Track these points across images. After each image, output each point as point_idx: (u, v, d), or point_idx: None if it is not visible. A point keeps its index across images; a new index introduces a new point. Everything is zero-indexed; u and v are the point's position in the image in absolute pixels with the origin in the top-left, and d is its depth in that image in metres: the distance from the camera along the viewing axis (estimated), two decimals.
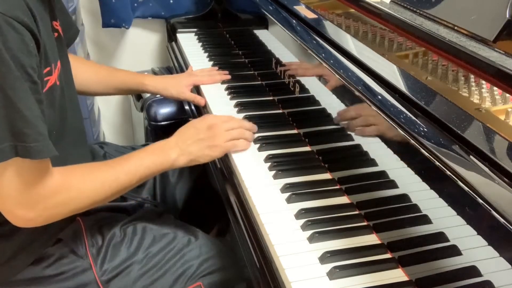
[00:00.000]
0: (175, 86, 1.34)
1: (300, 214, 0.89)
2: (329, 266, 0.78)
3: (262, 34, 1.44)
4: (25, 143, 0.77)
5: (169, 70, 1.94)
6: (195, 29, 1.79)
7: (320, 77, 1.07)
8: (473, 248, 0.67)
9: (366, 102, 0.85)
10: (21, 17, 0.77)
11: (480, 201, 0.61)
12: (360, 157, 0.93)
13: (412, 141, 0.73)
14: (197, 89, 1.38)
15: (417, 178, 0.77)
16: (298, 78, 1.17)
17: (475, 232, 0.66)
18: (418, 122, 0.75)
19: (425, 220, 0.76)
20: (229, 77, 1.40)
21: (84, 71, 1.24)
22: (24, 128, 0.77)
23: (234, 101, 1.28)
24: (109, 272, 1.00)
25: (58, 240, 0.99)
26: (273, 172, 1.00)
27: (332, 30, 1.09)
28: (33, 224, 0.88)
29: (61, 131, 0.95)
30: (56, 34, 0.96)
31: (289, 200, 0.92)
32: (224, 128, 1.05)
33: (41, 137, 0.80)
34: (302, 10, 1.21)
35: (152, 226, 1.10)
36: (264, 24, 1.38)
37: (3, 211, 0.85)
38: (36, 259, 0.98)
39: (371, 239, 0.85)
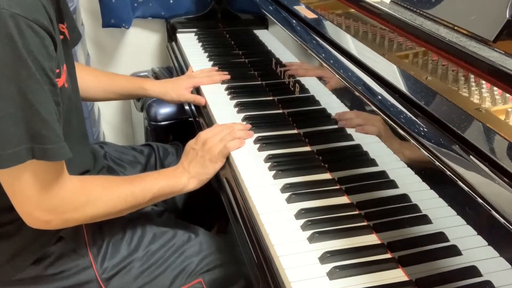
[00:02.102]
0: (175, 89, 1.35)
1: (300, 214, 0.89)
2: (329, 266, 0.78)
3: (262, 34, 1.44)
4: (43, 145, 0.79)
5: (169, 70, 1.94)
6: (195, 29, 1.80)
7: (320, 77, 1.07)
8: (473, 248, 0.67)
9: (366, 102, 0.85)
10: (41, 20, 0.78)
11: (480, 201, 0.61)
12: (360, 157, 0.93)
13: (412, 141, 0.73)
14: (197, 90, 1.38)
15: (417, 178, 0.77)
16: (298, 78, 1.17)
17: (475, 232, 0.66)
18: (418, 122, 0.75)
19: (425, 220, 0.76)
20: (228, 77, 1.40)
21: (84, 77, 1.24)
22: (42, 130, 0.78)
23: (234, 101, 1.28)
24: (109, 270, 1.01)
25: (59, 238, 0.99)
26: (273, 172, 1.00)
27: (332, 30, 1.09)
28: (49, 227, 0.89)
29: (66, 133, 0.95)
30: (62, 36, 0.96)
31: (289, 200, 0.92)
32: (217, 139, 1.08)
33: (58, 139, 0.81)
34: (302, 10, 1.21)
35: (152, 224, 1.10)
36: (264, 24, 1.38)
37: (21, 212, 0.86)
38: (38, 258, 0.98)
39: (371, 239, 0.85)
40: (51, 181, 0.84)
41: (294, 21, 1.19)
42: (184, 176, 1.04)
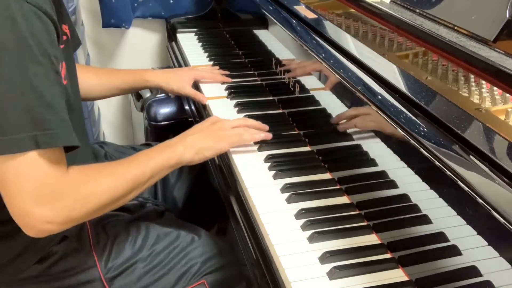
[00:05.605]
0: (177, 81, 1.33)
1: (300, 214, 0.89)
2: (329, 266, 0.78)
3: (262, 34, 1.44)
4: (47, 130, 0.75)
5: None
6: (195, 29, 1.80)
7: (320, 77, 1.07)
8: (473, 248, 0.67)
9: (366, 102, 0.85)
10: (46, 7, 0.78)
11: (480, 201, 0.61)
12: (360, 157, 0.93)
13: (412, 141, 0.73)
14: (197, 89, 1.38)
15: (417, 178, 0.77)
16: (298, 78, 1.17)
17: (475, 232, 0.66)
18: (418, 122, 0.75)
19: (425, 220, 0.76)
20: (230, 79, 1.39)
21: (84, 76, 1.24)
22: (46, 114, 0.76)
23: (234, 101, 1.28)
24: (113, 269, 1.01)
25: (63, 238, 0.99)
26: (273, 172, 1.00)
27: (332, 30, 1.09)
28: (51, 227, 0.80)
29: None
30: (64, 37, 0.96)
31: (289, 200, 0.92)
32: (228, 124, 1.05)
33: (64, 123, 0.78)
34: (302, 10, 1.21)
35: (155, 225, 1.10)
36: (264, 24, 1.38)
37: (18, 215, 0.79)
38: (42, 257, 0.98)
39: (371, 239, 0.85)
40: (51, 172, 0.78)
41: (294, 21, 1.19)
42: (180, 145, 0.98)
